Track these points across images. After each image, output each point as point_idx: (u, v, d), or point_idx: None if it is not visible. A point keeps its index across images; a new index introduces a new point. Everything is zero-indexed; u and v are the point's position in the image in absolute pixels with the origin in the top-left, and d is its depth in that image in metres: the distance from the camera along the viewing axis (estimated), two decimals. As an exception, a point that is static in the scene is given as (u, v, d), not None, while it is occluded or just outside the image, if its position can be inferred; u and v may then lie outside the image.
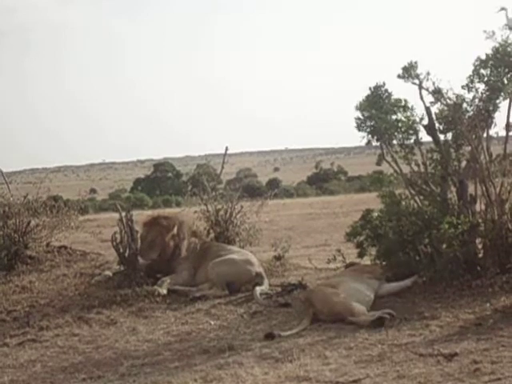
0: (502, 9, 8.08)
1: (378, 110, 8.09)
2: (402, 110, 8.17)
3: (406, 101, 8.18)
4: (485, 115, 7.81)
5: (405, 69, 8.06)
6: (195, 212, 10.01)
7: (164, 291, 8.24)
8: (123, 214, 8.76)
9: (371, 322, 6.67)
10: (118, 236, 8.69)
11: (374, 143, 8.25)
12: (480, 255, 7.75)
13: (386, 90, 8.20)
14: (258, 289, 8.04)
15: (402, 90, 8.26)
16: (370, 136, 8.17)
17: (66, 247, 10.61)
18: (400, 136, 8.17)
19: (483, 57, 7.87)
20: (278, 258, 9.68)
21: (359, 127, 8.16)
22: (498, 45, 7.86)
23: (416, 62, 8.05)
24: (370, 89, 8.21)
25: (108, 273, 8.98)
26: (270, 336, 6.58)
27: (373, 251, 8.18)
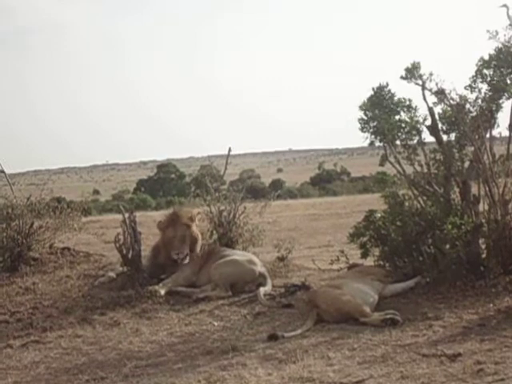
0: (504, 5, 8.07)
1: (381, 110, 8.09)
2: (405, 110, 8.17)
3: (409, 100, 8.18)
4: (488, 115, 7.80)
5: (408, 70, 8.05)
6: (198, 213, 10.00)
7: (162, 291, 8.23)
8: (126, 215, 8.76)
9: (382, 321, 6.65)
10: (121, 237, 8.68)
11: (377, 144, 8.24)
12: (483, 256, 7.74)
13: (389, 91, 8.20)
14: (262, 290, 8.03)
15: (405, 91, 8.26)
16: (373, 136, 8.17)
17: (69, 249, 10.60)
18: (403, 136, 8.16)
19: (486, 57, 7.86)
20: (281, 258, 9.67)
21: (362, 128, 8.16)
22: (501, 45, 7.85)
23: (419, 63, 8.04)
24: (373, 89, 8.21)
25: (111, 274, 8.97)
26: (273, 337, 6.57)
27: (376, 252, 8.17)
